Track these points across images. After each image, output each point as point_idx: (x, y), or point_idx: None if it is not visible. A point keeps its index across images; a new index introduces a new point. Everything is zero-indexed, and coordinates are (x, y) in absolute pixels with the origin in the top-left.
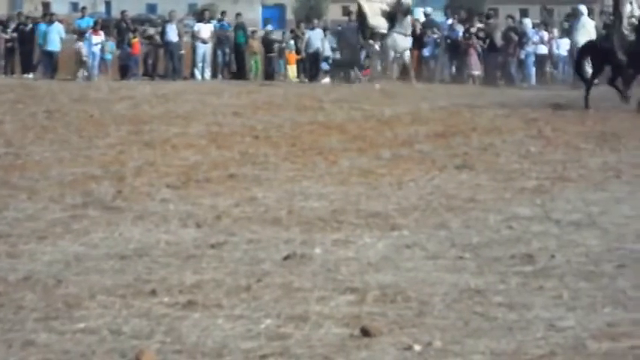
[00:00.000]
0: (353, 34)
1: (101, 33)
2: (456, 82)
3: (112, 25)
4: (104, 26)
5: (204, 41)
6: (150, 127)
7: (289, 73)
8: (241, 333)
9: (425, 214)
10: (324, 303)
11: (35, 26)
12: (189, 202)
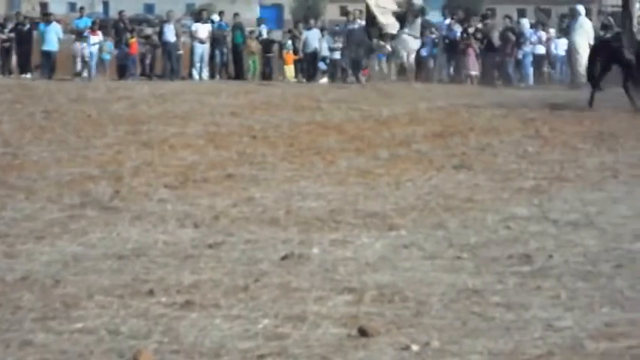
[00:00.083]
0: (361, 34)
1: (99, 33)
2: (454, 82)
3: (110, 25)
4: (102, 26)
5: (201, 41)
6: (147, 127)
7: (287, 73)
8: (239, 333)
9: (422, 214)
10: (321, 303)
11: (35, 25)
12: (186, 202)
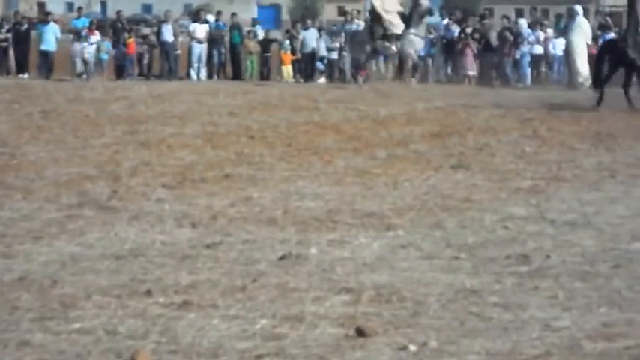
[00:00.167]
0: (365, 35)
1: (97, 33)
2: (452, 83)
3: (108, 25)
4: (100, 26)
5: (199, 41)
6: (145, 127)
7: (284, 73)
8: (237, 333)
9: (420, 214)
10: (319, 303)
11: (33, 25)
12: (184, 203)
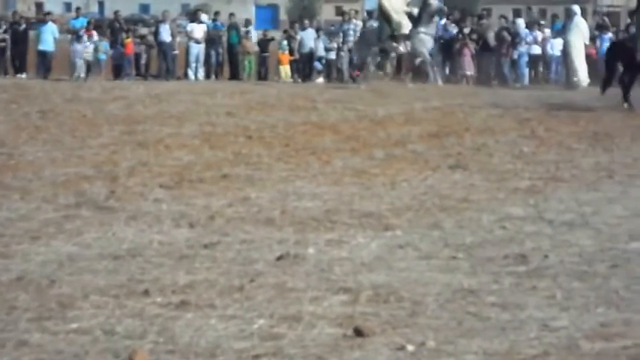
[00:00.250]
0: (373, 35)
1: (94, 33)
2: (450, 83)
3: (105, 25)
4: (97, 26)
5: (197, 41)
6: (143, 127)
7: (282, 73)
8: (234, 333)
9: (418, 214)
10: (317, 303)
11: (31, 25)
12: (182, 203)
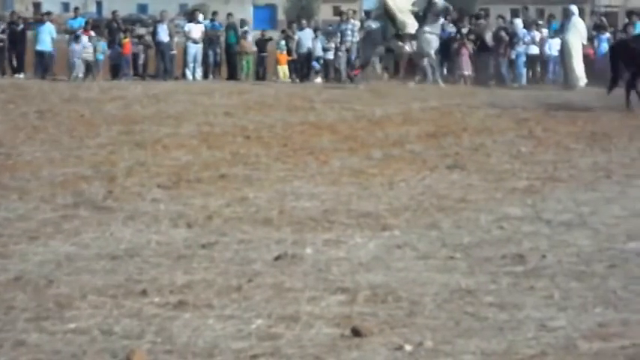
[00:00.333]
0: (378, 34)
1: (92, 33)
2: (447, 83)
3: (103, 25)
4: (95, 26)
5: (195, 41)
6: (141, 127)
7: (280, 73)
8: (232, 333)
9: (416, 214)
10: (315, 303)
11: (29, 25)
12: (180, 203)
